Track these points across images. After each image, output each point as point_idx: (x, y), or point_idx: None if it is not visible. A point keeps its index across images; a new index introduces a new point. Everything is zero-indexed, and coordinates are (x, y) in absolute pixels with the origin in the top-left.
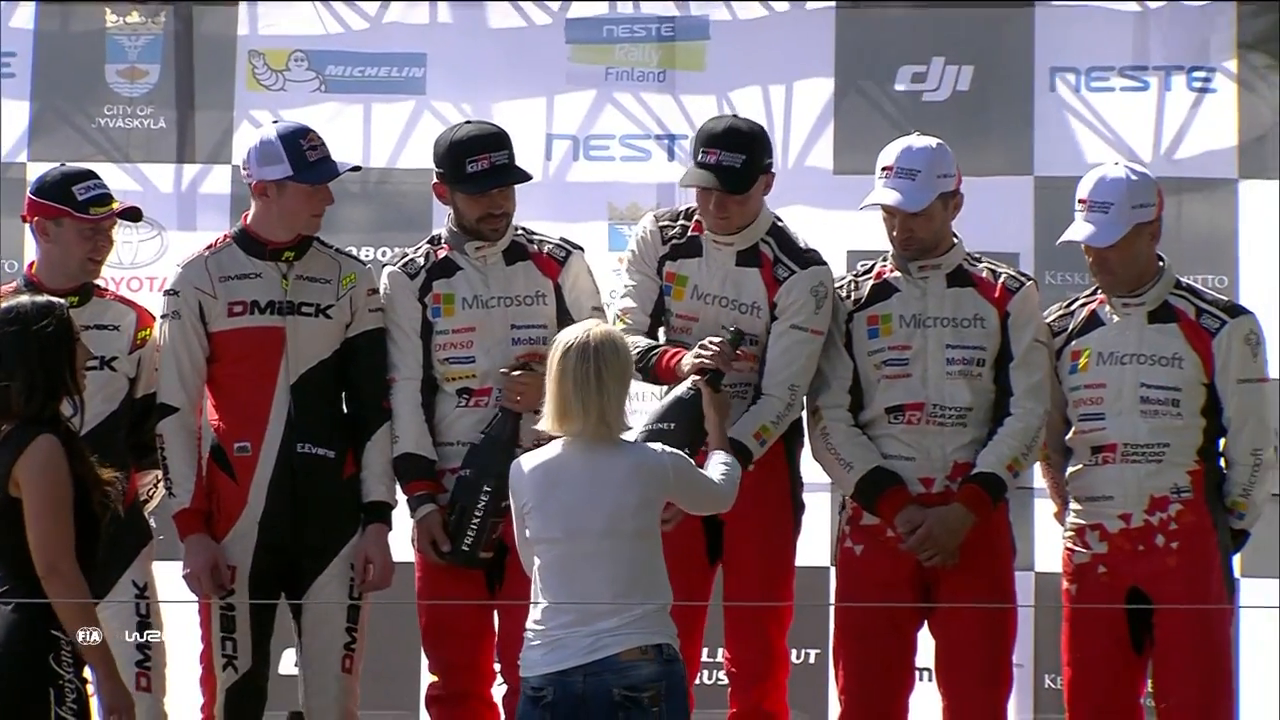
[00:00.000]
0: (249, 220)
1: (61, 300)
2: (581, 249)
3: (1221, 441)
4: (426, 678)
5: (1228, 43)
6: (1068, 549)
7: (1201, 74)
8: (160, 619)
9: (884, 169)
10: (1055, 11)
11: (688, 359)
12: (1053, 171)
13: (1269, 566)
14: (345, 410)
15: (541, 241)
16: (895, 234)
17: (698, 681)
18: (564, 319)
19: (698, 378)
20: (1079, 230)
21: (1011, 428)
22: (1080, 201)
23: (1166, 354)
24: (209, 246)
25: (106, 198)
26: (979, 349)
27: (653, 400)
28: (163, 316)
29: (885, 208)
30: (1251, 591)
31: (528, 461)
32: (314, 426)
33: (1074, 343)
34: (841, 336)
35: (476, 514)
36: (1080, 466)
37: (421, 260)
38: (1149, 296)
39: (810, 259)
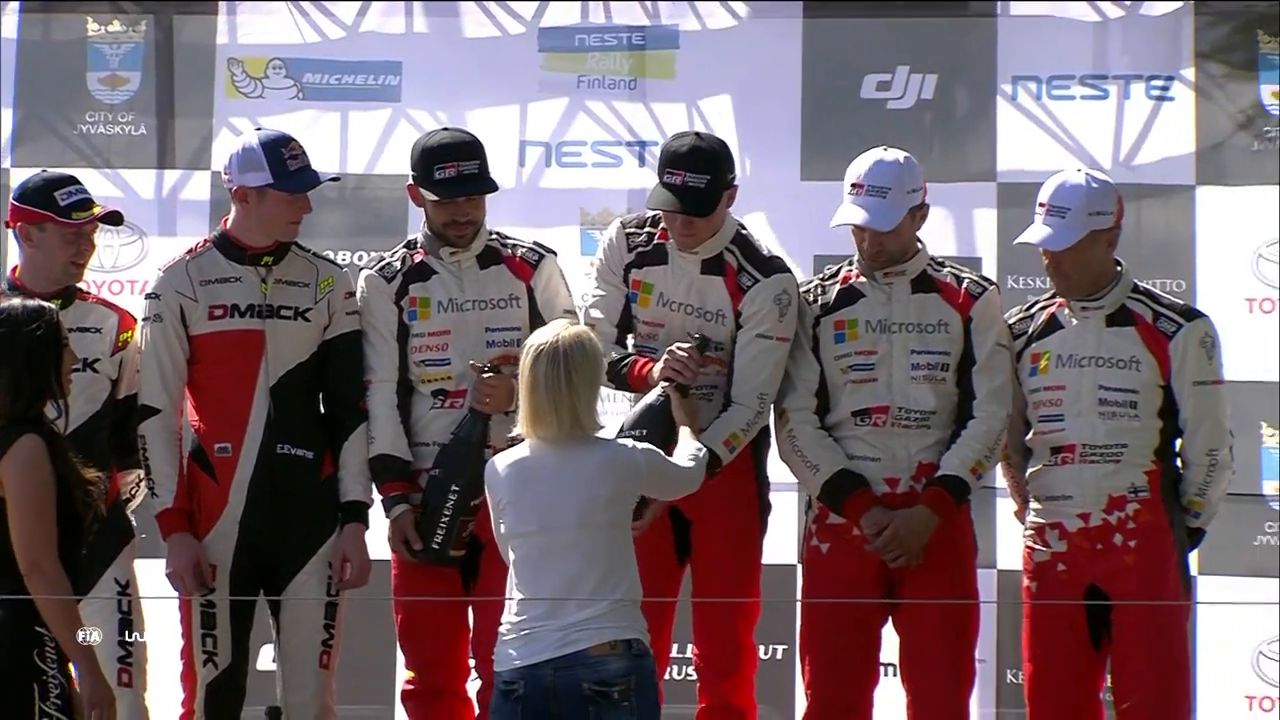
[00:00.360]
0: (229, 225)
1: (52, 305)
2: (554, 253)
3: (1178, 442)
4: (403, 673)
5: (1185, 52)
6: (1028, 547)
7: (1160, 83)
8: (142, 616)
9: (854, 185)
10: (1017, 22)
11: (658, 367)
12: (1015, 178)
13: (1228, 564)
14: (323, 411)
15: (515, 246)
16: (865, 247)
17: (667, 676)
18: (536, 321)
19: (666, 384)
20: (1035, 233)
21: (974, 430)
22: (1040, 205)
23: (1124, 357)
24: (189, 251)
25: (88, 202)
26: (943, 354)
27: (624, 404)
28: (144, 320)
29: (859, 224)
30: (1210, 588)
31: (501, 460)
32: (293, 427)
33: (1034, 345)
34: (809, 340)
35: (445, 513)
36: (1040, 466)
37: (398, 264)
38: (1107, 300)
39: (773, 266)
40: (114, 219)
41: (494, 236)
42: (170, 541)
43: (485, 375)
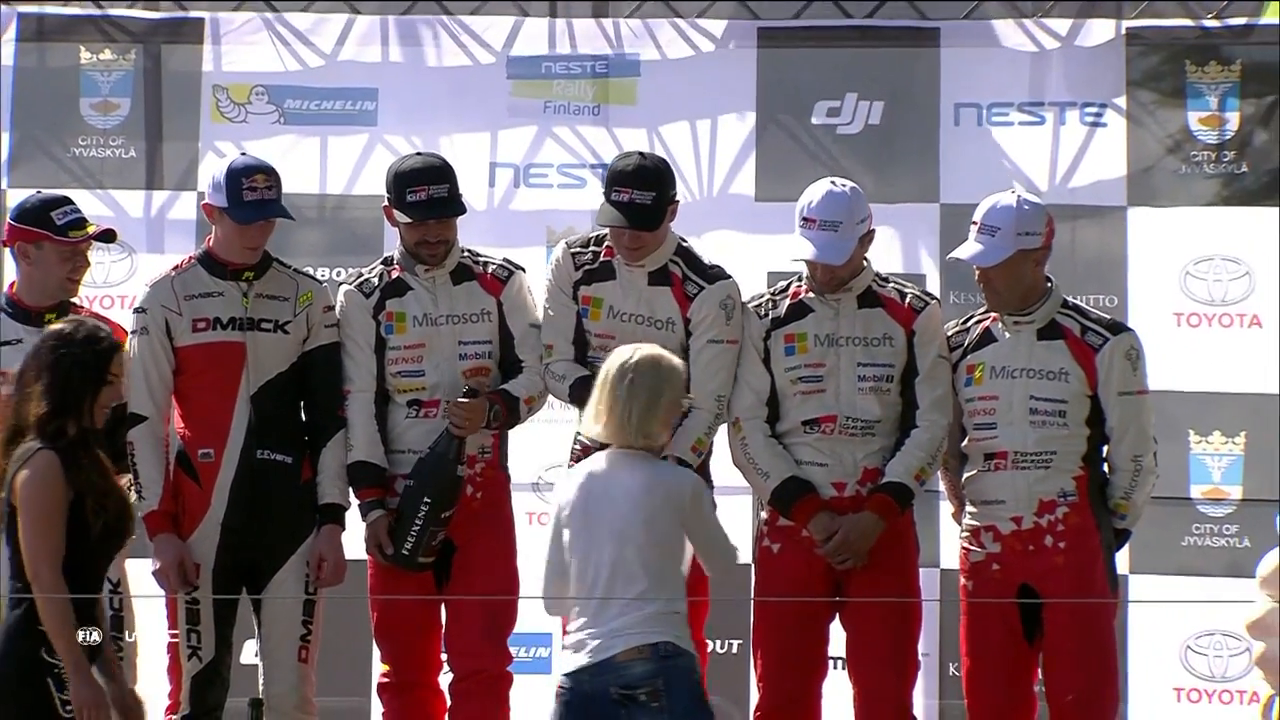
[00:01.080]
0: (211, 243)
1: (113, 339)
2: (523, 269)
3: (1105, 449)
4: (378, 667)
5: (1118, 81)
6: (964, 548)
7: (1093, 109)
8: (132, 613)
9: (806, 219)
10: (959, 52)
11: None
12: (957, 199)
13: (1158, 564)
14: (303, 418)
15: (486, 263)
16: (819, 276)
17: None
18: (505, 334)
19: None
20: (966, 249)
21: (918, 439)
22: (973, 223)
23: (1054, 369)
24: (175, 267)
25: (83, 221)
26: (888, 366)
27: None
28: (133, 332)
29: (808, 259)
30: (1141, 587)
31: (572, 472)
32: (273, 434)
33: (969, 357)
34: (760, 352)
35: (417, 523)
36: (975, 472)
37: (375, 280)
38: (1038, 315)
39: (716, 274)
40: (108, 237)
41: (466, 254)
42: (155, 541)
43: (461, 400)
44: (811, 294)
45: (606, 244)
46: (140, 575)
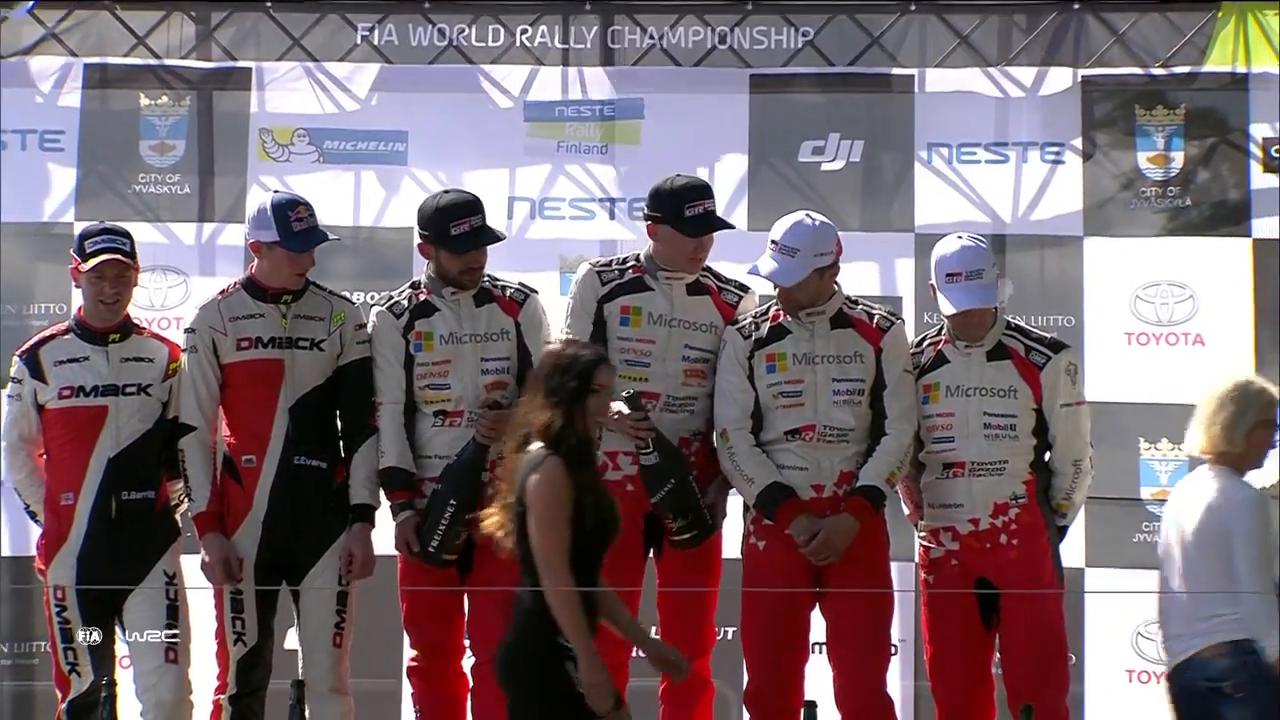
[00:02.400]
0: (254, 270)
1: (596, 355)
2: (537, 292)
3: (1048, 454)
4: (408, 652)
5: (1074, 124)
6: (923, 546)
7: (1053, 149)
8: (186, 603)
9: (772, 241)
10: (931, 97)
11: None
12: (930, 229)
13: (1111, 558)
14: (337, 427)
15: (504, 286)
16: (777, 293)
17: (636, 654)
18: (523, 351)
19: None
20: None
21: (887, 446)
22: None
23: (1003, 386)
24: (221, 292)
25: (102, 250)
26: (859, 381)
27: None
28: (184, 350)
29: (765, 276)
30: (1095, 579)
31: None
32: (309, 442)
33: (925, 378)
34: (745, 369)
35: (442, 523)
36: (934, 479)
37: (405, 302)
38: (987, 339)
39: (744, 286)
40: (121, 262)
41: (486, 279)
42: (204, 540)
43: (489, 411)
44: (789, 317)
45: (632, 263)
46: (191, 568)
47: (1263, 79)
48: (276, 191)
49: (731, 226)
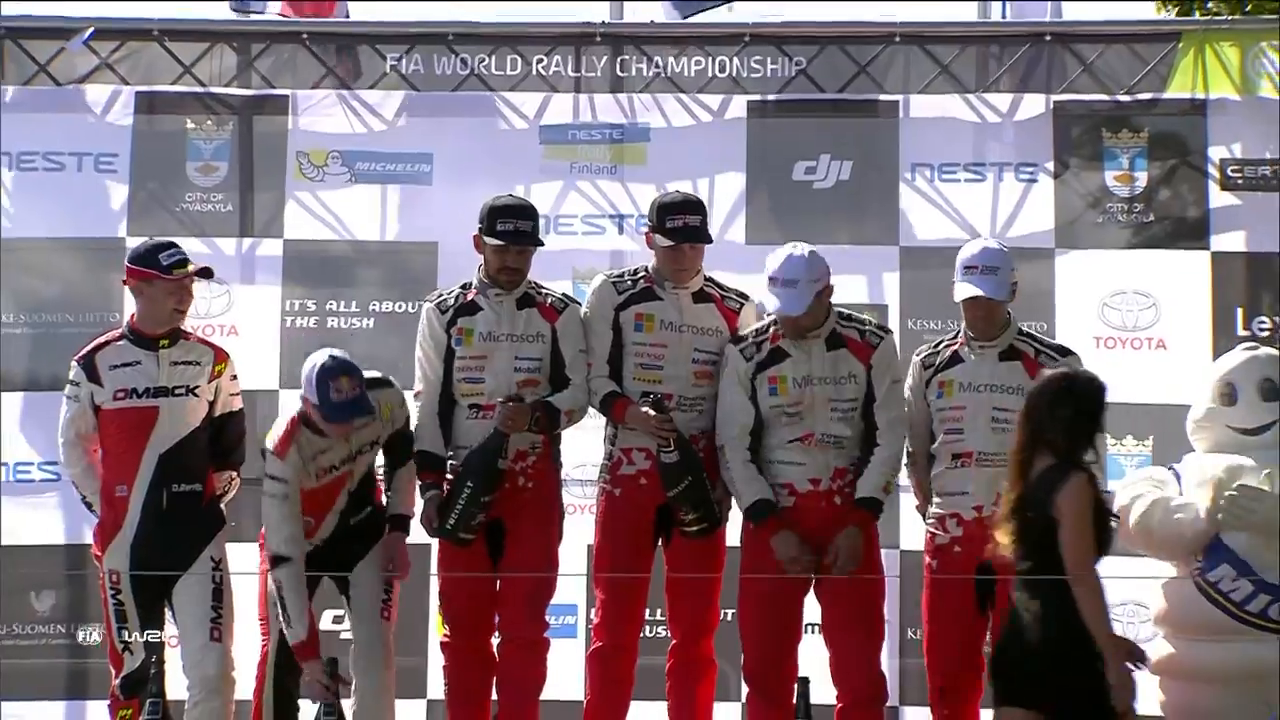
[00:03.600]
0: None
1: (1103, 382)
2: (578, 303)
3: None
4: (434, 632)
5: (1047, 146)
6: (930, 533)
7: (1027, 169)
8: (229, 586)
9: (771, 279)
10: (915, 121)
11: (633, 411)
12: (913, 243)
13: None
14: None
15: (547, 294)
16: (784, 324)
17: (646, 633)
18: (557, 356)
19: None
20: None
21: (881, 456)
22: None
23: (1012, 384)
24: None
25: (184, 261)
26: (853, 400)
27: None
28: (268, 495)
29: (775, 313)
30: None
31: None
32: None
33: (940, 375)
34: (746, 390)
35: (459, 504)
36: (943, 469)
37: (452, 300)
38: (1000, 341)
39: (745, 295)
40: (206, 273)
41: (532, 286)
42: (306, 665)
43: (509, 404)
44: (787, 339)
45: (643, 274)
46: (238, 557)
47: (1220, 105)
48: (331, 355)
49: (708, 240)
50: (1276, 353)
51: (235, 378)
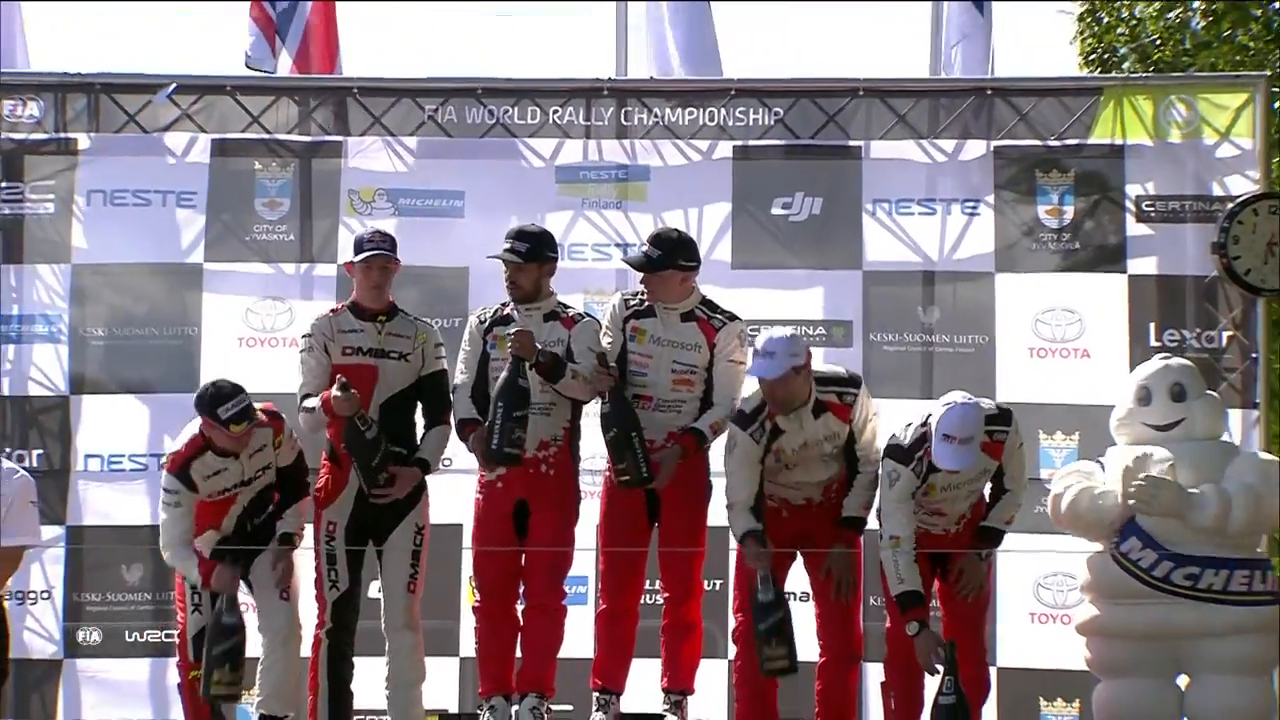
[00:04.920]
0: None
1: None
2: (594, 318)
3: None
4: (465, 599)
5: (988, 184)
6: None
7: (970, 204)
8: (293, 559)
9: (755, 351)
10: (875, 162)
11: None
12: (874, 267)
13: (1018, 525)
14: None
15: (569, 309)
16: (766, 394)
17: (644, 600)
18: (568, 356)
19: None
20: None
21: (861, 483)
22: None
23: (978, 475)
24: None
25: (241, 417)
26: (837, 453)
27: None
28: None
29: (756, 374)
30: (1005, 541)
31: None
32: (394, 433)
33: (925, 483)
34: (758, 468)
35: (497, 422)
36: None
37: (489, 314)
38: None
39: (731, 316)
40: (253, 419)
41: (559, 304)
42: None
43: (513, 331)
44: (780, 417)
45: (643, 294)
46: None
47: (1136, 149)
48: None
49: (650, 269)
50: (1187, 362)
51: (293, 435)
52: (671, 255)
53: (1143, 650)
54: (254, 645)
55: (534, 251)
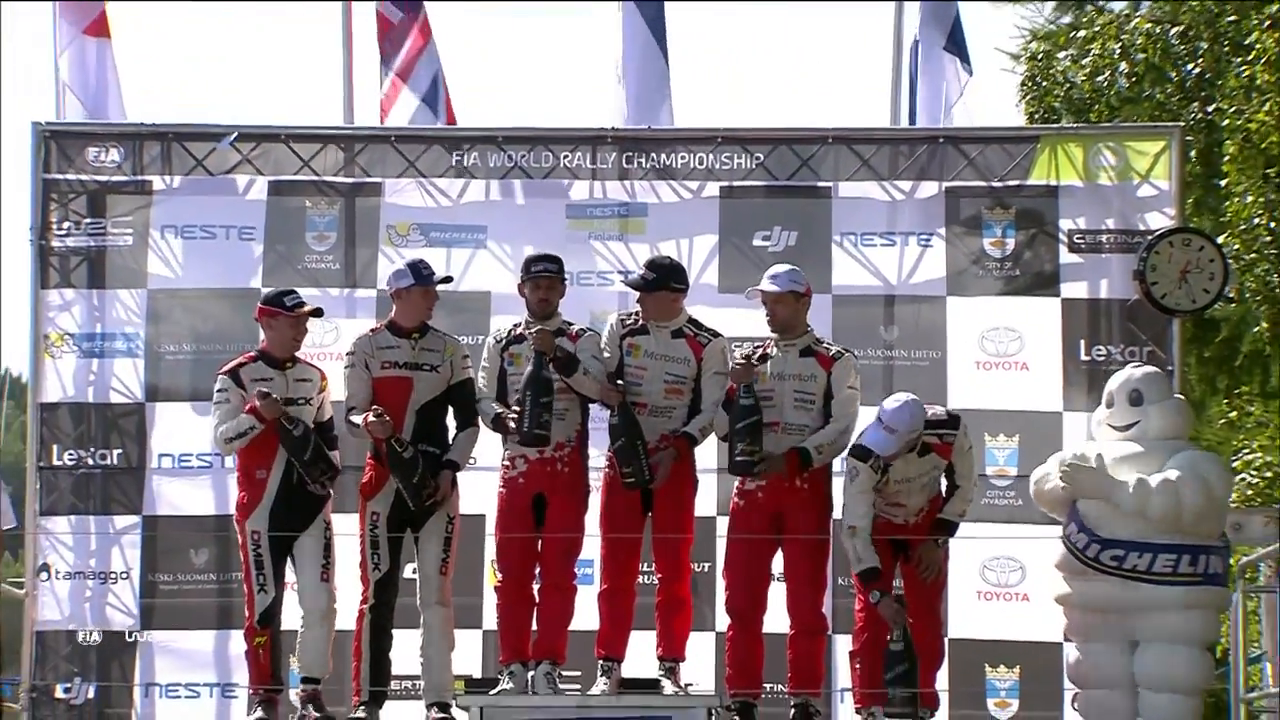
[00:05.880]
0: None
1: None
2: (596, 332)
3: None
4: (489, 580)
5: (940, 219)
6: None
7: (925, 236)
8: (334, 544)
9: (766, 278)
10: (843, 200)
11: (604, 386)
12: (842, 291)
13: (967, 515)
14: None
15: (574, 326)
16: (768, 314)
17: (640, 580)
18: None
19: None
20: (764, 285)
21: (827, 431)
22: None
23: (931, 471)
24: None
25: (302, 303)
26: (813, 394)
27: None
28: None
29: (763, 292)
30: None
31: None
32: (429, 435)
33: (884, 477)
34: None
35: (526, 410)
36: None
37: (504, 335)
38: (917, 448)
39: (716, 333)
40: (318, 313)
41: (564, 322)
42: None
43: (536, 330)
44: (773, 349)
45: (638, 313)
46: (339, 522)
47: (1068, 190)
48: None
49: (646, 289)
50: (1151, 370)
51: (330, 393)
52: (665, 278)
53: (1098, 620)
54: (295, 619)
55: (561, 271)
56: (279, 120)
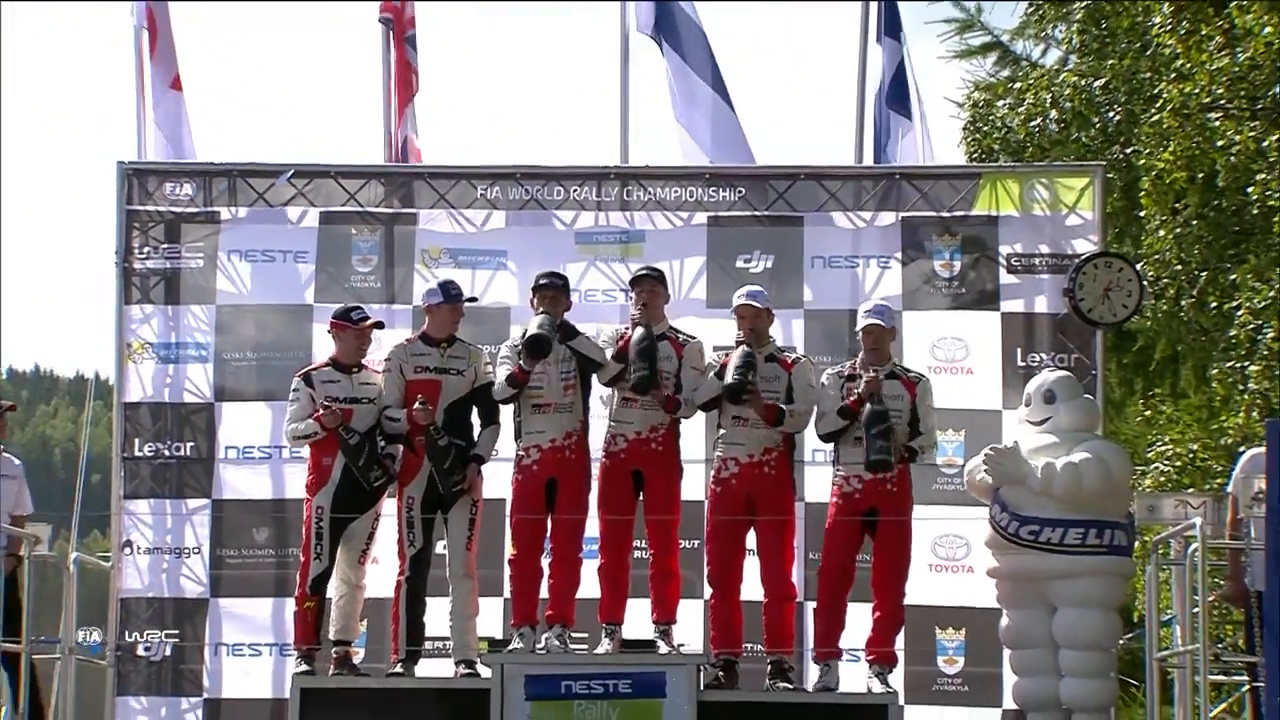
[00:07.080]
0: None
1: None
2: (598, 335)
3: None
4: (507, 553)
5: (896, 244)
6: (836, 484)
7: (884, 260)
8: (377, 527)
9: (740, 294)
10: (814, 229)
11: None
12: (814, 307)
13: (921, 498)
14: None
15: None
16: (742, 328)
17: (636, 555)
18: (582, 360)
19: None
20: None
21: (799, 404)
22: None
23: (898, 396)
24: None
25: (367, 318)
26: (777, 392)
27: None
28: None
29: (745, 304)
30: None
31: None
32: (456, 430)
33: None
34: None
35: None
36: (847, 449)
37: (517, 342)
38: (885, 368)
39: (692, 336)
40: (380, 325)
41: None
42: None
43: (540, 314)
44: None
45: (628, 325)
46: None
47: (1007, 219)
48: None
49: (647, 281)
50: (1064, 372)
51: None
52: (660, 276)
53: (1021, 588)
54: (332, 588)
55: (567, 285)
56: (328, 159)
